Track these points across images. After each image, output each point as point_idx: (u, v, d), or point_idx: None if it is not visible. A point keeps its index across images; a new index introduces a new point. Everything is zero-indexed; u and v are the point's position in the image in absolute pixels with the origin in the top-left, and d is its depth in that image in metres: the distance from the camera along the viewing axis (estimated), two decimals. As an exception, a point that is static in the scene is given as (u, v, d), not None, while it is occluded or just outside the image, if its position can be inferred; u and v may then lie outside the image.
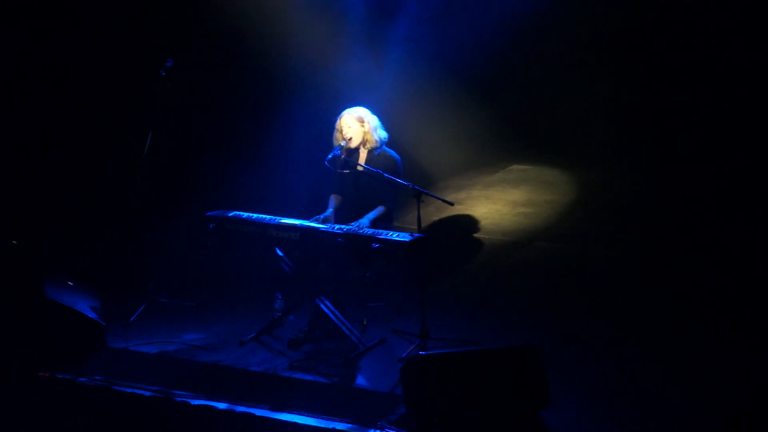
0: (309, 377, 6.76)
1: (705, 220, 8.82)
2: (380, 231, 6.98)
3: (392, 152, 7.58)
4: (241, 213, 7.30)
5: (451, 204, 7.29)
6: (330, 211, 7.43)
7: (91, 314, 6.87)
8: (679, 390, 6.35)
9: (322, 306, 7.17)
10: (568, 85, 10.08)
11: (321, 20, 9.86)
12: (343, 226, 7.10)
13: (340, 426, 5.99)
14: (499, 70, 10.25)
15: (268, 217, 7.22)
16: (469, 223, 9.35)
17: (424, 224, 7.11)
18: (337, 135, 7.52)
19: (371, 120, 7.52)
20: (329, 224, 7.20)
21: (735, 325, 7.28)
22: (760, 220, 8.56)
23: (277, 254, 7.29)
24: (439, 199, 7.19)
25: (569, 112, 10.15)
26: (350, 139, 7.45)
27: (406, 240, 6.81)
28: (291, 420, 6.06)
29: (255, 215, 7.26)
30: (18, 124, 9.36)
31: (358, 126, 7.48)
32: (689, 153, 9.59)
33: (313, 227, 7.08)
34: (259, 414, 6.11)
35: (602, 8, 9.78)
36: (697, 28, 9.51)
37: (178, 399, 6.31)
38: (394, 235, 6.87)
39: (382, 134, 7.56)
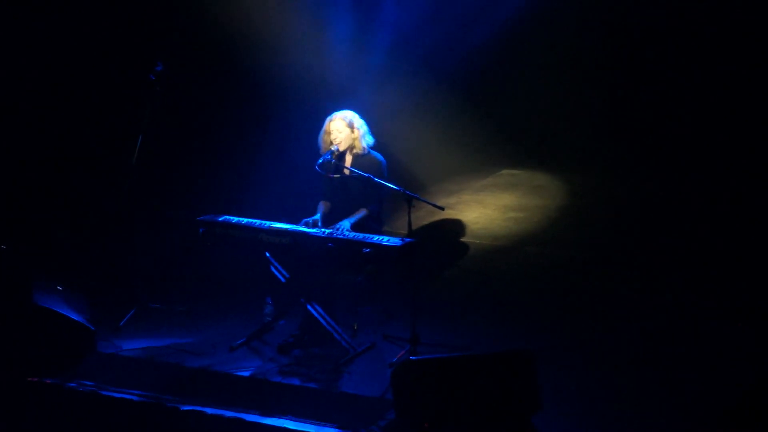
0: (299, 382, 6.75)
1: (698, 223, 8.84)
2: (371, 236, 6.98)
3: (377, 154, 7.57)
4: (231, 217, 7.29)
5: (442, 209, 7.27)
6: (318, 215, 7.40)
7: (81, 319, 6.83)
8: (671, 395, 6.36)
9: (313, 311, 7.16)
10: (559, 90, 10.10)
11: (309, 26, 9.86)
12: (325, 230, 7.08)
13: (330, 431, 5.98)
14: (489, 74, 10.26)
15: (259, 221, 7.20)
16: (459, 227, 9.35)
17: (414, 229, 7.10)
18: (324, 137, 7.49)
19: (361, 126, 7.51)
20: (317, 228, 7.18)
21: (729, 329, 7.29)
22: (755, 224, 8.58)
23: (268, 259, 7.27)
24: (430, 203, 7.18)
25: (560, 117, 10.17)
26: (339, 143, 7.43)
27: (397, 245, 6.80)
28: (281, 425, 6.04)
29: (245, 220, 7.24)
30: (6, 129, 9.33)
31: (348, 131, 7.45)
32: (681, 157, 9.61)
33: (304, 231, 7.07)
34: (249, 419, 6.10)
35: (593, 14, 9.80)
36: (689, 34, 9.53)
37: (168, 404, 6.29)
38: (385, 240, 6.87)
39: (369, 140, 7.55)
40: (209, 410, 6.22)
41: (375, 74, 9.97)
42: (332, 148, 7.40)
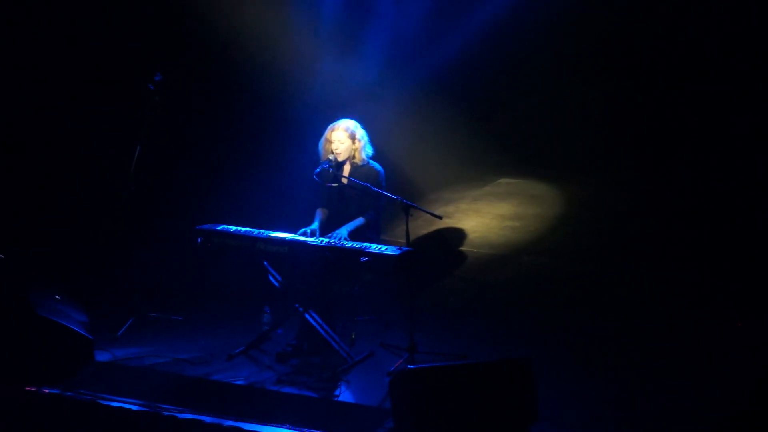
0: (297, 391, 6.75)
1: (692, 233, 8.85)
2: (368, 245, 6.99)
3: (375, 164, 7.59)
4: (229, 227, 7.30)
5: (440, 218, 7.30)
6: (316, 224, 7.43)
7: (79, 328, 6.84)
8: (668, 404, 6.36)
9: (311, 320, 7.17)
10: (557, 100, 10.12)
11: (309, 35, 9.89)
12: (322, 238, 7.10)
13: (328, 440, 5.99)
14: (487, 84, 10.28)
15: (257, 230, 7.22)
16: (457, 236, 9.36)
17: (412, 238, 7.12)
18: (325, 144, 7.51)
19: (362, 137, 7.53)
20: (315, 238, 7.20)
21: (724, 338, 7.30)
22: (753, 228, 8.59)
23: (266, 268, 7.28)
24: (428, 212, 7.20)
25: (557, 127, 10.19)
26: (339, 153, 7.45)
27: (395, 253, 6.81)
28: (279, 434, 6.06)
29: (243, 229, 7.25)
30: (4, 137, 9.34)
31: (349, 143, 7.48)
32: (676, 168, 9.63)
33: (302, 241, 7.09)
34: (247, 428, 6.09)
35: (589, 25, 9.83)
36: (682, 45, 9.56)
37: (166, 413, 6.29)
38: (383, 249, 6.88)
39: (369, 151, 7.58)
40: (207, 419, 6.21)
41: (372, 83, 10.00)
42: (330, 158, 7.42)
